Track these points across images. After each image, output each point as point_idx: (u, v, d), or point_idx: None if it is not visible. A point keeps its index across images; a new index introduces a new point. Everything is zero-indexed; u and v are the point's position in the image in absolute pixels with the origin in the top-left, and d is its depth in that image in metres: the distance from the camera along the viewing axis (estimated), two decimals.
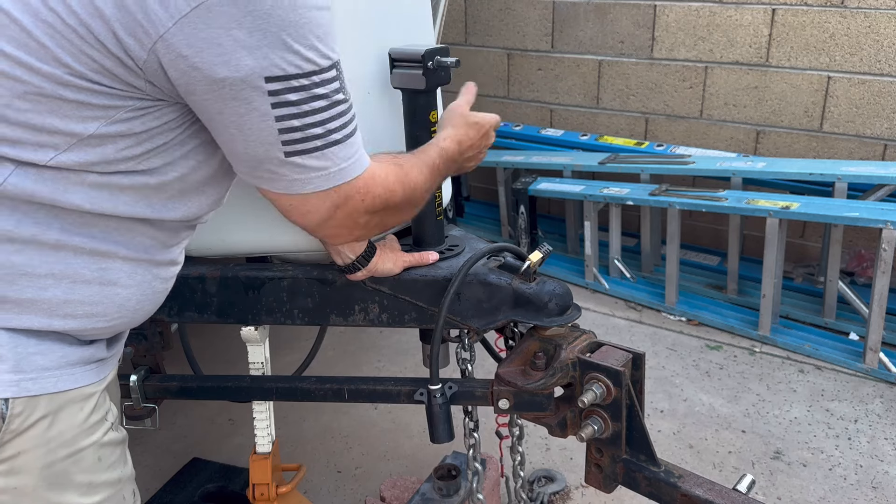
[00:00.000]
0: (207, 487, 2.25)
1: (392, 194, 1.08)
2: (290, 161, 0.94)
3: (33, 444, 0.93)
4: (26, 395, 0.91)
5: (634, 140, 3.80)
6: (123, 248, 0.98)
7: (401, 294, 1.45)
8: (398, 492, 2.10)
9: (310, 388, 1.55)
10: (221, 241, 1.51)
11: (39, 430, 0.93)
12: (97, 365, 1.01)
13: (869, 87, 3.24)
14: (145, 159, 0.94)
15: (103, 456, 1.01)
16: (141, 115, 0.91)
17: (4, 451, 0.91)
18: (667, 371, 2.92)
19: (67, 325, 0.95)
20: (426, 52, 1.37)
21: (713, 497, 1.24)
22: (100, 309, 0.97)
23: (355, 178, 1.01)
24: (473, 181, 4.52)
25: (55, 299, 0.93)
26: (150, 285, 1.03)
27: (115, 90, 0.88)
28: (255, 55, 0.86)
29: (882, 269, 2.72)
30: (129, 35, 0.85)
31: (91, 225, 0.94)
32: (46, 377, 0.93)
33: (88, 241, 0.94)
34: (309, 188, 0.97)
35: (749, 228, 3.56)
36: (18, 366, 0.91)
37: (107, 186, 0.93)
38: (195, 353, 1.78)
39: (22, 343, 0.91)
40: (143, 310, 1.05)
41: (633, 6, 3.69)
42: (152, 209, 0.98)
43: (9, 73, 0.86)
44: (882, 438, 2.51)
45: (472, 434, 1.61)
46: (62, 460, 0.96)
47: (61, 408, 0.95)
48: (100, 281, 0.96)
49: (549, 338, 1.40)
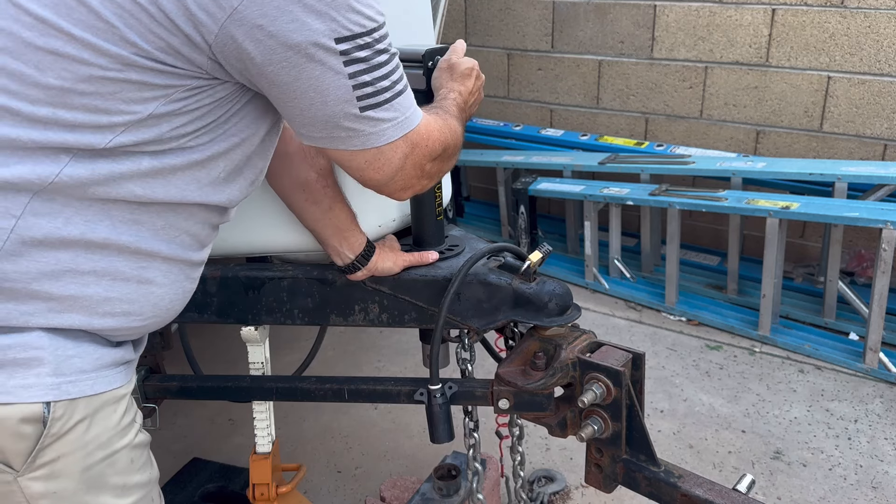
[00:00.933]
0: (207, 487, 2.25)
1: (445, 139, 1.14)
2: (365, 115, 0.99)
3: (72, 448, 0.94)
4: (66, 398, 0.92)
5: (634, 140, 3.80)
6: (165, 247, 1.00)
7: (401, 294, 1.45)
8: (398, 492, 2.10)
9: (310, 388, 1.56)
10: (221, 242, 1.50)
11: (78, 433, 0.94)
12: (126, 367, 1.03)
13: (869, 87, 3.24)
14: (195, 137, 0.97)
15: (135, 458, 1.03)
16: (196, 94, 0.94)
17: (45, 456, 0.92)
18: (667, 371, 2.92)
19: (105, 323, 0.97)
20: (426, 52, 1.37)
21: (713, 497, 1.24)
22: (136, 307, 1.00)
23: (418, 125, 1.06)
24: (473, 181, 4.53)
25: (96, 296, 0.95)
26: (181, 285, 1.06)
27: (176, 69, 0.91)
28: (323, 19, 0.92)
29: (882, 269, 2.72)
30: (201, 10, 0.88)
31: (140, 222, 0.97)
32: (84, 380, 0.94)
33: (135, 240, 0.97)
34: (384, 140, 1.02)
35: (749, 228, 3.56)
36: (59, 369, 0.92)
37: (160, 171, 0.95)
38: (195, 353, 1.79)
39: (61, 346, 0.93)
40: (173, 309, 1.07)
41: (633, 6, 3.69)
42: (201, 192, 1.01)
43: (75, 55, 0.87)
44: (882, 438, 2.51)
45: (472, 434, 1.61)
46: (99, 463, 0.97)
47: (97, 410, 0.96)
48: (138, 279, 0.99)
49: (549, 338, 1.40)
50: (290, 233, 1.46)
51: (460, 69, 1.36)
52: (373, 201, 1.50)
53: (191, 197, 1.00)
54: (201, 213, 1.04)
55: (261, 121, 1.05)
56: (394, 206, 1.54)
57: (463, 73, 1.36)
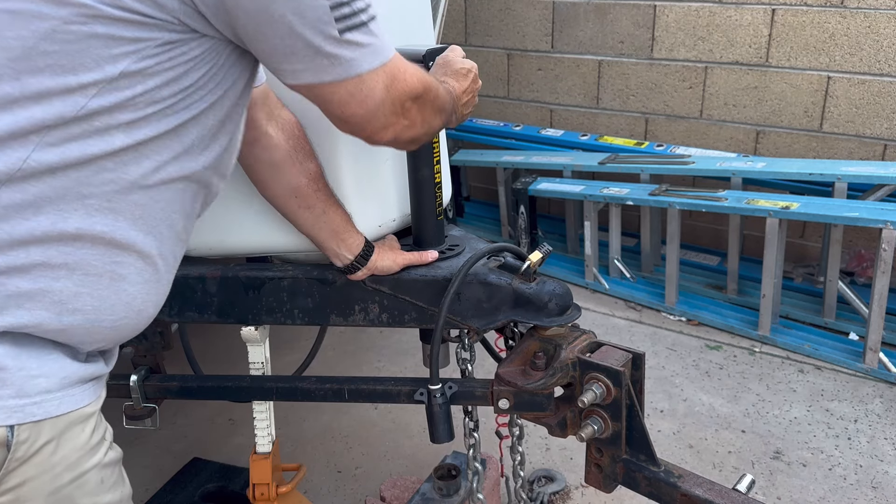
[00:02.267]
0: (207, 487, 2.25)
1: (425, 82, 1.11)
2: (345, 39, 0.97)
3: (39, 471, 0.91)
4: (31, 420, 0.89)
5: (634, 140, 3.80)
6: (142, 238, 0.98)
7: (401, 294, 1.45)
8: (398, 492, 2.10)
9: (310, 388, 1.56)
10: (221, 242, 1.51)
11: (44, 455, 0.91)
12: (94, 383, 1.00)
13: (869, 88, 3.24)
14: (169, 103, 0.94)
15: (105, 477, 1.00)
16: (169, 50, 0.91)
17: (10, 481, 0.89)
18: (667, 371, 2.92)
19: (74, 320, 0.93)
20: (427, 52, 1.37)
21: (713, 497, 1.24)
22: (107, 304, 0.96)
23: (394, 57, 1.04)
24: (473, 181, 4.53)
25: (66, 291, 0.92)
26: (154, 287, 1.03)
27: (146, 20, 0.88)
28: None
29: (882, 269, 2.72)
30: None
31: (116, 210, 0.93)
32: (49, 400, 0.91)
33: (111, 229, 0.93)
34: (365, 66, 1.00)
35: (749, 228, 3.56)
36: (22, 390, 0.89)
37: (132, 147, 0.92)
38: (195, 353, 1.79)
39: (25, 366, 0.89)
40: (145, 312, 1.04)
41: (633, 6, 3.69)
42: (177, 162, 0.98)
43: (32, 10, 0.83)
44: (882, 438, 2.51)
45: (472, 434, 1.61)
46: (67, 485, 0.94)
47: (64, 431, 0.93)
48: (111, 275, 0.96)
49: (549, 338, 1.40)
50: (290, 233, 1.45)
51: (456, 66, 1.36)
52: (373, 201, 1.50)
53: (166, 170, 0.97)
54: (177, 196, 1.01)
55: (233, 82, 1.03)
56: (394, 206, 1.54)
57: (458, 71, 1.36)
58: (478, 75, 1.42)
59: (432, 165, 1.46)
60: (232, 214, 1.47)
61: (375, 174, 1.50)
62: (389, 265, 1.43)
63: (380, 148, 1.48)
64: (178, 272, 1.11)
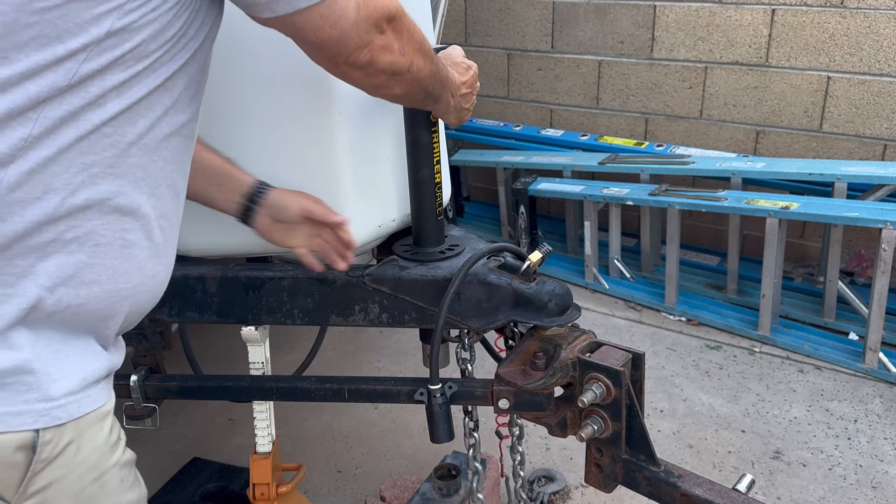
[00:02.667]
0: (208, 487, 2.26)
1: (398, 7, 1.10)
2: None
3: (63, 472, 0.91)
4: (57, 423, 0.89)
5: (634, 140, 3.81)
6: (146, 200, 0.97)
7: (401, 294, 1.45)
8: (398, 491, 2.10)
9: (310, 388, 1.56)
10: (222, 242, 1.51)
11: (68, 456, 0.91)
12: (107, 382, 1.00)
13: (868, 88, 3.24)
14: (156, 57, 0.94)
15: (124, 476, 1.01)
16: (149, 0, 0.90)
17: (36, 483, 0.89)
18: (666, 371, 2.92)
19: (92, 292, 0.93)
20: None
21: (713, 497, 1.24)
22: (121, 272, 0.96)
23: None
24: (473, 181, 4.53)
25: (80, 263, 0.92)
26: (162, 249, 1.03)
27: None
28: None
29: (882, 268, 2.72)
30: None
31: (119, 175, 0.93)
32: (71, 402, 0.91)
33: (116, 194, 0.93)
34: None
35: (749, 228, 3.56)
36: (48, 393, 0.89)
37: (128, 108, 0.92)
38: (195, 353, 1.79)
39: (49, 369, 0.89)
40: (159, 276, 1.04)
41: (632, 6, 3.69)
42: (168, 116, 0.98)
43: None
44: (882, 438, 2.51)
45: (472, 434, 1.61)
46: (90, 485, 0.94)
47: (84, 431, 0.93)
48: (120, 242, 0.95)
49: (549, 338, 1.40)
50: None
51: (457, 59, 1.38)
52: (373, 201, 1.51)
53: (159, 127, 0.97)
54: (173, 153, 1.01)
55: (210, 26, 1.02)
56: (394, 206, 1.54)
57: (458, 63, 1.37)
58: (478, 75, 1.43)
59: (432, 165, 1.46)
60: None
61: (375, 174, 1.50)
62: (289, 205, 1.39)
63: (380, 148, 1.50)
64: (178, 272, 1.11)
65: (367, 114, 1.45)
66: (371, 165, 1.48)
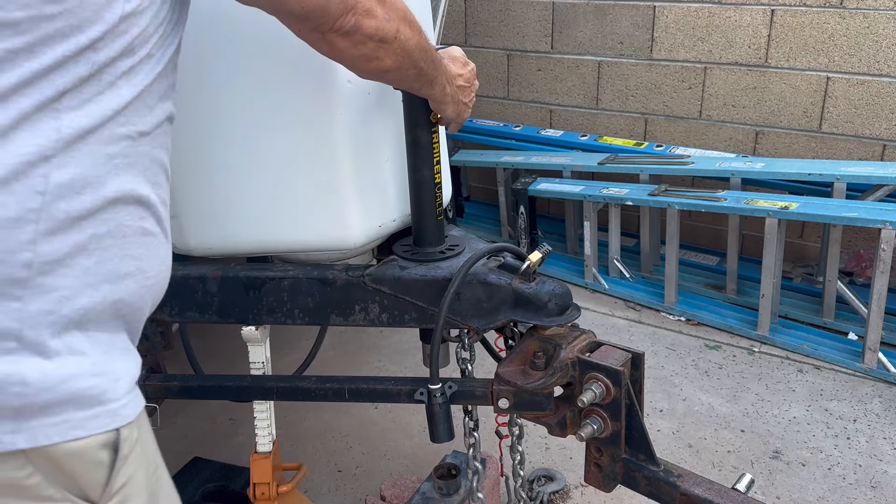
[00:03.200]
0: (208, 487, 2.26)
1: None
2: None
3: (135, 468, 0.93)
4: (128, 421, 0.92)
5: (634, 140, 3.81)
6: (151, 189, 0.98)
7: (401, 294, 1.45)
8: (398, 491, 2.11)
9: (310, 388, 1.56)
10: (222, 242, 1.52)
11: (137, 451, 0.94)
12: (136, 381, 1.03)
13: (868, 88, 3.24)
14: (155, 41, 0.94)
15: (164, 473, 1.03)
16: None
17: (117, 481, 0.91)
18: (666, 371, 2.93)
19: (127, 286, 0.94)
20: None
21: (712, 496, 1.24)
22: (145, 262, 0.97)
23: None
24: (473, 181, 4.53)
25: (114, 258, 0.92)
26: (168, 247, 1.04)
27: None
28: None
29: (881, 268, 2.72)
30: None
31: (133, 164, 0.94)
32: (132, 399, 0.94)
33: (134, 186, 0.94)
34: None
35: (748, 228, 3.56)
36: (115, 393, 0.91)
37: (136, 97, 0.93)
38: (196, 352, 1.79)
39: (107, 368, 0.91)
40: (167, 261, 1.04)
41: (632, 7, 3.70)
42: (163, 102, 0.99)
43: None
44: (881, 438, 2.51)
45: (472, 433, 1.61)
46: (152, 478, 0.97)
47: (142, 426, 0.96)
48: (141, 231, 0.96)
49: (549, 337, 1.41)
50: (290, 232, 1.46)
51: (455, 55, 1.40)
52: (373, 201, 1.51)
53: (155, 113, 0.97)
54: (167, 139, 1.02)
55: (188, 6, 1.03)
56: (394, 206, 1.55)
57: (457, 58, 1.39)
58: (476, 74, 1.44)
59: (432, 165, 1.46)
60: (233, 214, 1.47)
61: (375, 174, 1.50)
62: None
63: (380, 148, 1.50)
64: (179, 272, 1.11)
65: (368, 114, 1.45)
66: (371, 166, 1.48)
